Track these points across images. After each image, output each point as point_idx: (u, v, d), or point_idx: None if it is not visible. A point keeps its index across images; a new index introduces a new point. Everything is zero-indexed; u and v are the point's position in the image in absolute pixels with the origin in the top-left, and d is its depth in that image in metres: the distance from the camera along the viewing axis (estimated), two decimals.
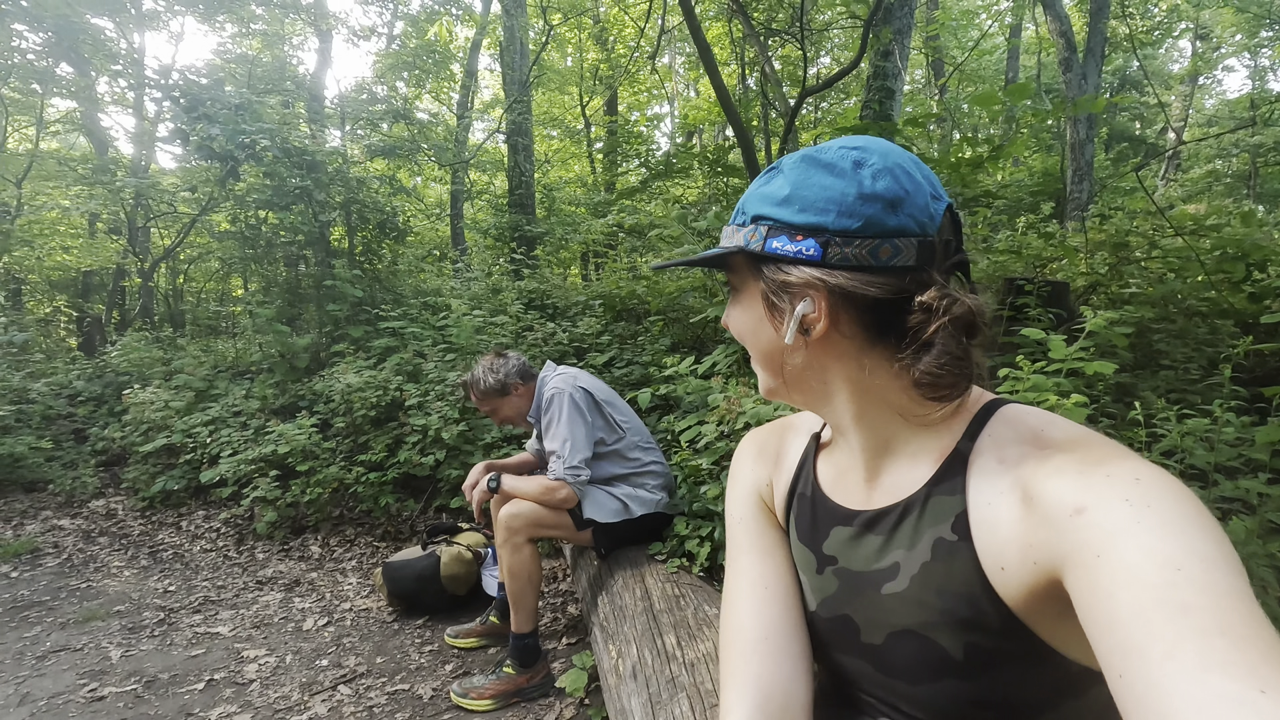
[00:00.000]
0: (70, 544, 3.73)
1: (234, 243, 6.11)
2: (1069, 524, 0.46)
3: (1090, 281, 3.70)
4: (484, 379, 2.37)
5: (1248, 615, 0.37)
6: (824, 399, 0.65)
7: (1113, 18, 8.63)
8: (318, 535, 3.71)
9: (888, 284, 0.55)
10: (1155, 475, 0.46)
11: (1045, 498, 0.49)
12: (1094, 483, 0.46)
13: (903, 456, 0.62)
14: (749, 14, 5.62)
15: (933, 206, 0.56)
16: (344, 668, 2.38)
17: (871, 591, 0.62)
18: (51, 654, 2.50)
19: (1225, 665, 0.35)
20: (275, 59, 10.15)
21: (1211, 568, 0.39)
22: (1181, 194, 10.55)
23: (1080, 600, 0.44)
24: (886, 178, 0.55)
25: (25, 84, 7.60)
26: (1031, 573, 0.49)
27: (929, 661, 0.57)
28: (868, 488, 0.65)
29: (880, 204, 0.55)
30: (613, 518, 2.19)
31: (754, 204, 0.61)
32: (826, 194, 0.56)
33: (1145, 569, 0.40)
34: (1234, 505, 1.77)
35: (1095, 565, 0.43)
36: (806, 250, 0.56)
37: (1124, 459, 0.48)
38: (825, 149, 0.59)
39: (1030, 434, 0.55)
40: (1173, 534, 0.41)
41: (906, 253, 0.55)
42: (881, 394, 0.60)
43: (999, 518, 0.53)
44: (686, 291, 4.42)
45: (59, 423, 5.17)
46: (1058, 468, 0.50)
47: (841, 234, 0.55)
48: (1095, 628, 0.42)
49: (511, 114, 8.65)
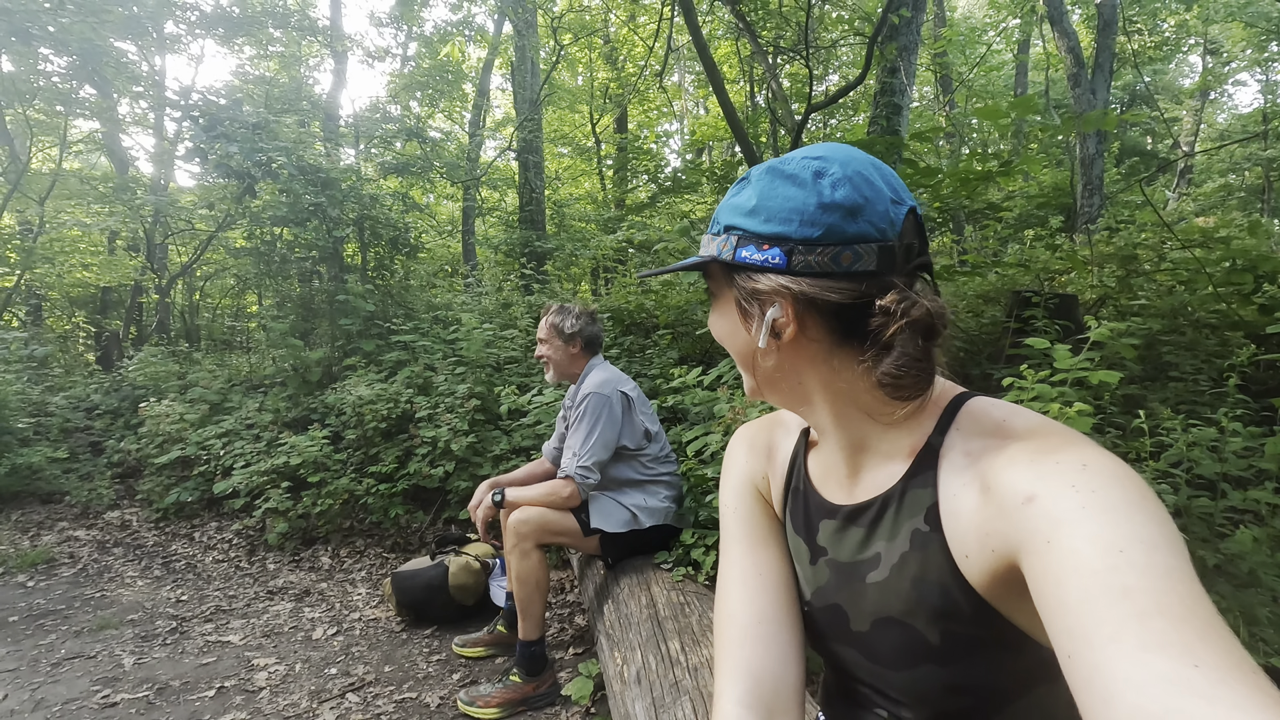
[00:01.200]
0: (85, 554, 3.78)
1: (250, 259, 6.21)
2: (1021, 512, 0.48)
3: (1099, 294, 3.69)
4: (564, 318, 2.39)
5: (1185, 595, 0.39)
6: (800, 400, 0.67)
7: (1121, 34, 8.66)
8: (328, 546, 3.74)
9: (849, 289, 0.57)
10: (1103, 461, 0.47)
11: (1000, 487, 0.51)
12: (1044, 471, 0.48)
13: (878, 454, 0.64)
14: (756, 33, 5.70)
15: (893, 211, 0.58)
16: (352, 676, 2.40)
17: (857, 581, 0.64)
18: (66, 661, 2.53)
19: (1163, 645, 0.37)
20: (292, 80, 10.38)
21: (1152, 550, 0.41)
22: (1194, 208, 10.50)
23: (1034, 586, 0.45)
24: (846, 186, 0.57)
25: (49, 105, 7.80)
26: (991, 560, 0.51)
27: (909, 648, 0.60)
28: (849, 483, 0.67)
29: (840, 212, 0.57)
30: (621, 528, 2.20)
31: (726, 214, 0.64)
32: (789, 204, 0.58)
33: (1090, 554, 0.42)
34: (1243, 516, 1.77)
35: (1046, 551, 0.45)
36: (772, 259, 0.59)
37: (1074, 446, 0.50)
38: (788, 160, 0.61)
39: (993, 425, 0.57)
40: (1116, 520, 0.43)
41: (867, 258, 0.57)
42: (851, 395, 0.63)
43: (962, 508, 0.55)
44: (694, 304, 4.45)
45: (76, 435, 5.25)
46: (1011, 457, 0.52)
47: (804, 242, 0.57)
48: (1047, 612, 0.43)
49: (523, 132, 8.78)
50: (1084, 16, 11.44)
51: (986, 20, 13.86)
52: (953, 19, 13.55)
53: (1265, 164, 10.77)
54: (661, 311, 4.63)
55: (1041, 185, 7.11)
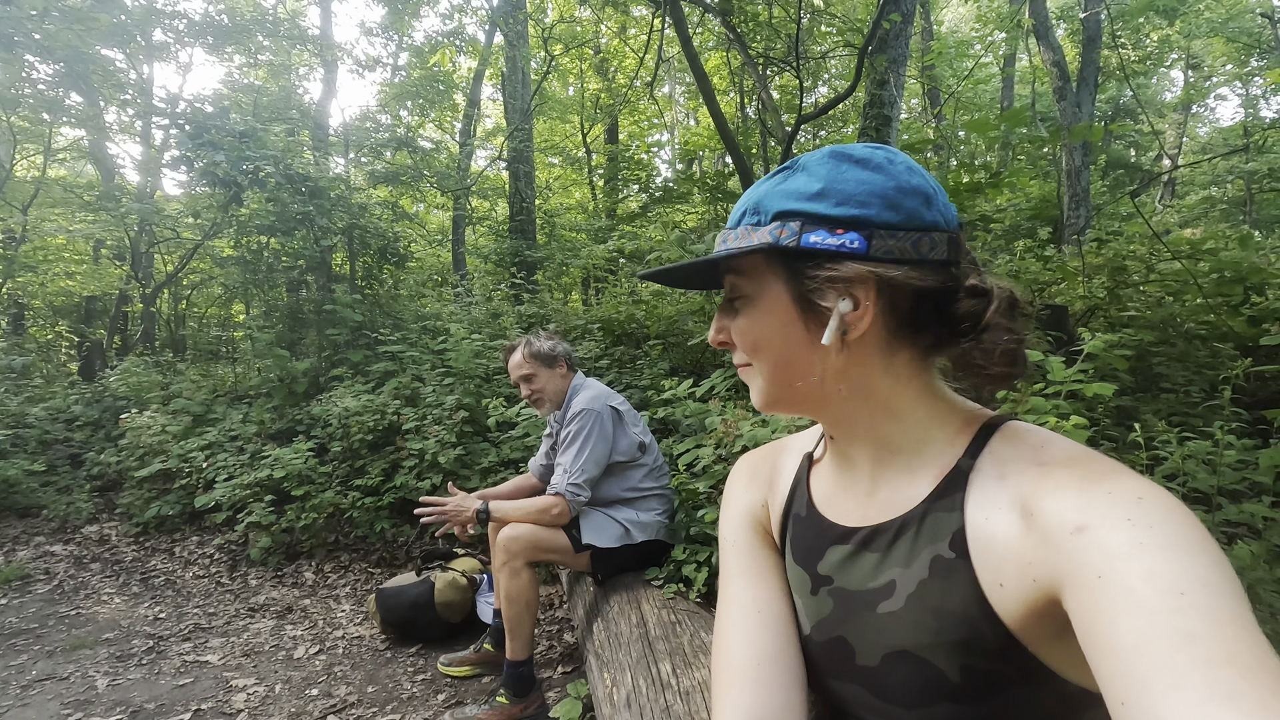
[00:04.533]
0: (62, 570, 3.69)
1: (236, 268, 6.14)
2: (1069, 543, 0.44)
3: (1089, 305, 3.70)
4: (539, 343, 2.35)
5: (1253, 643, 0.36)
6: (835, 408, 0.62)
7: (1104, 48, 8.78)
8: (312, 561, 3.67)
9: (934, 275, 0.55)
10: (1158, 495, 0.44)
11: (1045, 515, 0.47)
12: (1095, 500, 0.45)
13: (902, 473, 0.61)
14: (746, 44, 5.71)
15: (951, 206, 0.58)
16: (334, 697, 2.33)
17: (867, 612, 0.60)
18: (37, 683, 2.45)
19: (1232, 697, 0.34)
20: (281, 89, 10.31)
21: (1215, 594, 0.38)
22: (1178, 220, 10.62)
23: (1080, 622, 0.42)
24: (919, 175, 0.57)
25: (35, 113, 7.70)
26: (1030, 590, 0.48)
27: (925, 684, 0.55)
28: (866, 501, 0.63)
29: (919, 198, 0.55)
30: (613, 543, 2.16)
31: (776, 200, 0.58)
32: (866, 187, 0.55)
33: (1147, 594, 0.39)
34: (1238, 529, 1.75)
35: (1096, 587, 0.41)
36: (850, 243, 0.55)
37: (1126, 477, 0.47)
38: (852, 148, 0.59)
39: (1031, 451, 0.54)
40: (1176, 558, 0.40)
41: (940, 247, 0.55)
42: (899, 398, 0.59)
43: (997, 534, 0.51)
44: (685, 315, 4.42)
45: (55, 448, 5.14)
46: (1058, 484, 0.48)
47: (885, 226, 0.55)
48: (1096, 652, 0.40)
49: (513, 141, 8.76)
50: (1069, 31, 11.59)
51: (974, 34, 14.02)
52: (940, 33, 13.70)
53: (1247, 177, 10.91)
54: (652, 322, 4.60)
55: (1029, 197, 7.17)
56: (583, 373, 2.47)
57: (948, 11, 17.23)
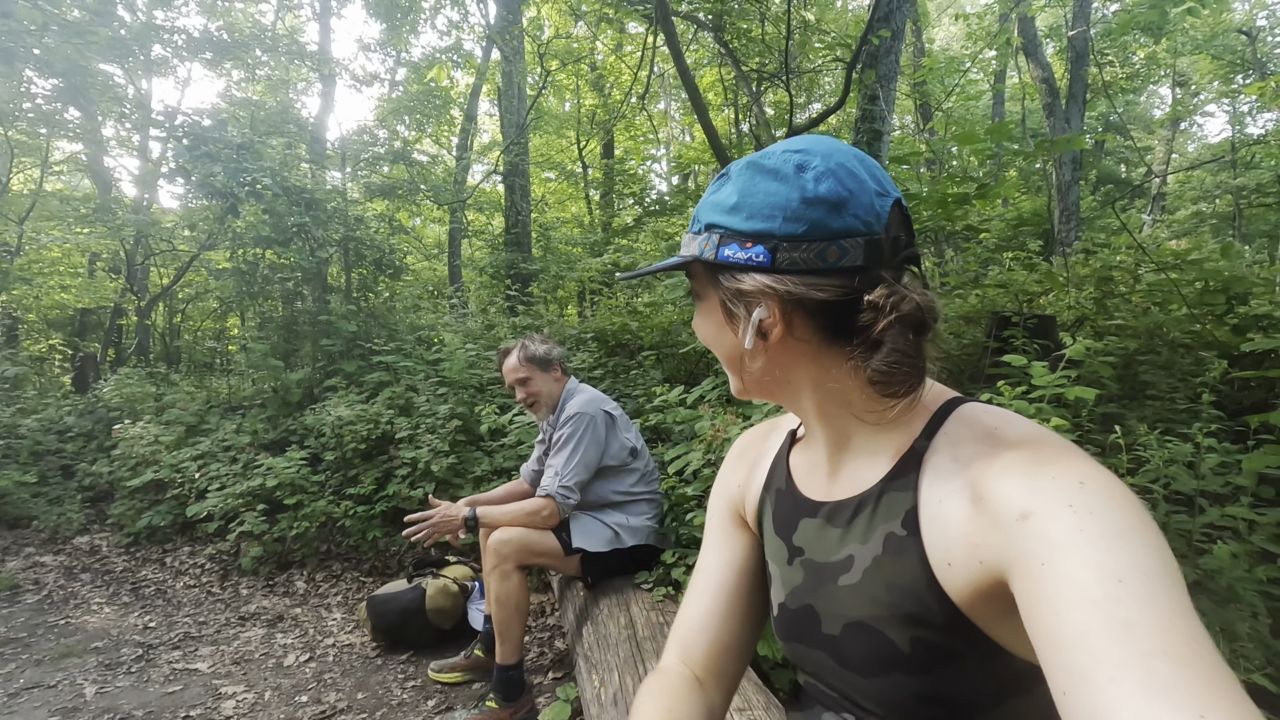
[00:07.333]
0: (51, 580, 3.67)
1: (232, 280, 6.16)
2: (1015, 529, 0.46)
3: (1077, 315, 3.74)
4: (534, 346, 2.36)
5: (1189, 634, 0.37)
6: (788, 398, 0.66)
7: (1093, 65, 8.92)
8: (304, 570, 3.66)
9: (836, 285, 0.56)
10: (1100, 479, 0.46)
11: (993, 498, 0.49)
12: (1040, 486, 0.47)
13: (862, 453, 0.63)
14: (739, 60, 5.80)
15: (879, 204, 0.56)
16: (324, 704, 2.32)
17: (830, 583, 0.63)
18: (24, 691, 2.44)
19: (1167, 690, 0.35)
20: (279, 103, 10.39)
21: (1153, 581, 0.39)
22: (1168, 234, 10.74)
23: (1026, 609, 0.44)
24: (829, 180, 0.56)
25: (32, 127, 7.74)
26: (978, 572, 0.50)
27: (878, 654, 0.58)
28: (832, 478, 0.66)
29: (824, 207, 0.55)
30: (603, 546, 2.17)
31: (706, 212, 0.62)
32: (771, 200, 0.57)
33: (1088, 583, 0.40)
34: (1221, 532, 1.77)
35: (1040, 574, 0.43)
36: (756, 257, 0.57)
37: (1069, 458, 0.48)
38: (769, 154, 0.59)
39: (985, 432, 0.55)
40: (1115, 546, 0.41)
41: (854, 253, 0.55)
42: (840, 393, 0.61)
43: (948, 515, 0.53)
44: (678, 325, 4.45)
45: (47, 458, 5.12)
46: (1005, 467, 0.50)
47: (788, 239, 0.56)
48: (1040, 640, 0.42)
49: (509, 156, 8.84)
50: (1058, 49, 11.77)
51: (964, 51, 14.23)
52: (932, 51, 13.91)
53: (1234, 192, 11.05)
54: (646, 333, 4.63)
55: (1020, 211, 7.25)
56: (574, 377, 2.49)
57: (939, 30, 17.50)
